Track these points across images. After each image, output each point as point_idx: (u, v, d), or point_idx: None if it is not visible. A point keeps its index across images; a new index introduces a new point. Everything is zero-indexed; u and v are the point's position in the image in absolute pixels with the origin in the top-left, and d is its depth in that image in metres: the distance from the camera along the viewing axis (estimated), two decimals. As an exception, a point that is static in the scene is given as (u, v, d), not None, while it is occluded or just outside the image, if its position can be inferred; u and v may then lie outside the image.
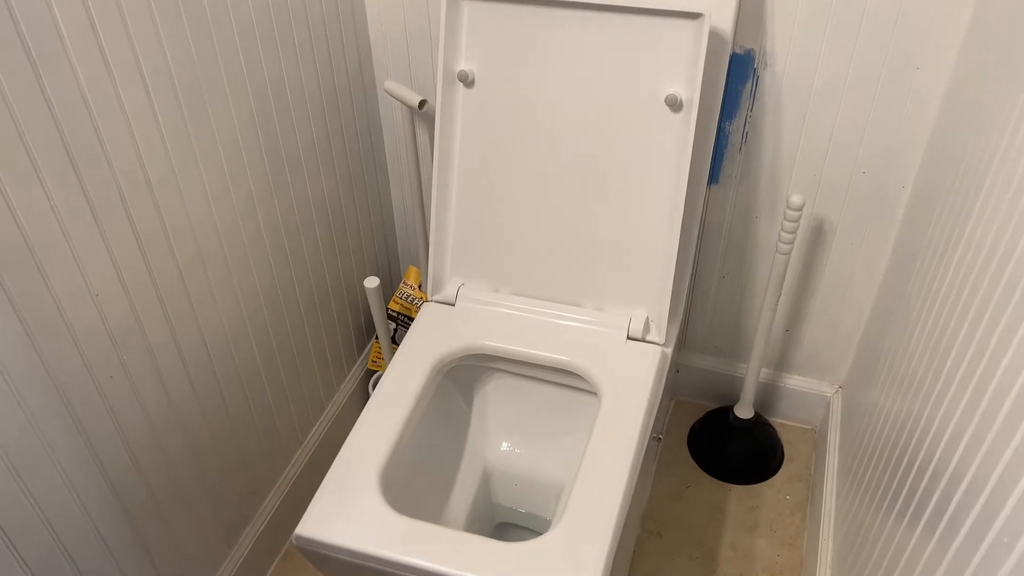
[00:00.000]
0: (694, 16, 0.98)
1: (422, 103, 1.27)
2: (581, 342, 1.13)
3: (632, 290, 1.14)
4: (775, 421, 1.59)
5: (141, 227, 0.92)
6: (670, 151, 1.05)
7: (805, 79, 1.17)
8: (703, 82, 1.00)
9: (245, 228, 1.11)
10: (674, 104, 1.02)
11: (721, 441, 1.53)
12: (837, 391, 1.51)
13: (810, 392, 1.53)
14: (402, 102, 1.30)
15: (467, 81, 1.09)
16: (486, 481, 1.24)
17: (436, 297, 1.21)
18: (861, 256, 1.32)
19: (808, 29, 1.13)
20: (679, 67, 1.01)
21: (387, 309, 1.53)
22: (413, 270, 1.53)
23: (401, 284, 1.54)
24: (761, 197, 1.32)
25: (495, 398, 1.23)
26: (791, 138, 1.24)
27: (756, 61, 1.18)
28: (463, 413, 1.23)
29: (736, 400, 1.58)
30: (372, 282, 1.33)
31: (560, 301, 1.18)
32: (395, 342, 1.55)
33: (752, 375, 1.43)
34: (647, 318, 1.14)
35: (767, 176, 1.29)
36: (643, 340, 1.13)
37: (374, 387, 1.54)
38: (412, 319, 1.53)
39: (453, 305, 1.20)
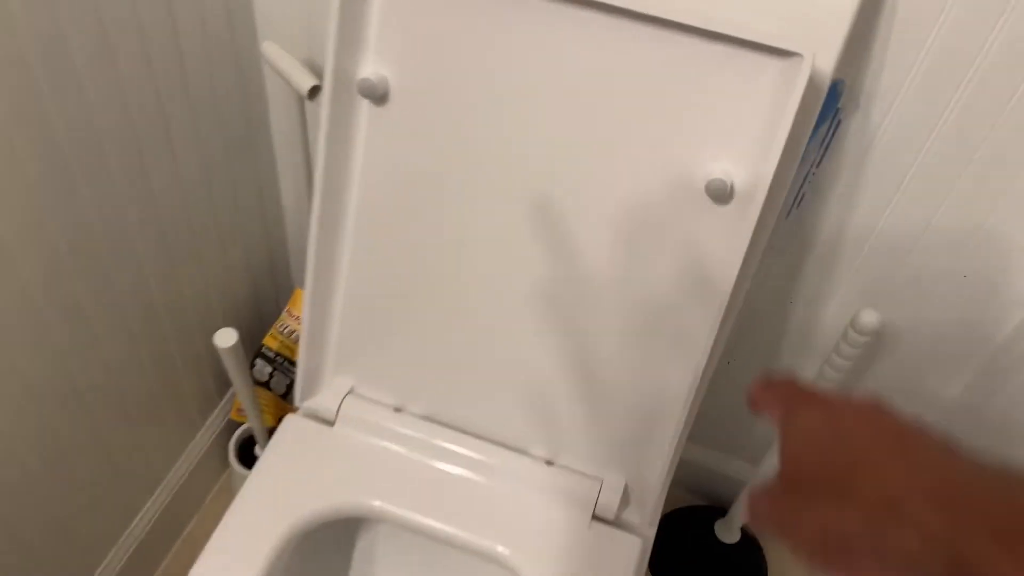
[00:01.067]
0: (785, 55, 0.54)
1: (314, 90, 0.81)
2: (521, 518, 0.73)
3: (608, 439, 0.74)
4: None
5: None
6: (702, 259, 0.63)
7: (914, 136, 0.75)
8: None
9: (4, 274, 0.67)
10: (721, 195, 0.59)
11: (692, 559, 1.17)
12: (849, 510, 1.15)
13: (813, 505, 1.17)
14: (286, 80, 0.84)
15: (375, 95, 0.64)
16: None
17: (307, 404, 0.79)
18: (931, 377, 0.93)
19: (939, 66, 0.70)
20: (740, 134, 0.58)
21: (262, 347, 1.11)
22: (301, 294, 1.10)
23: (284, 314, 1.11)
24: (804, 279, 0.91)
25: (385, 560, 0.83)
26: (870, 212, 0.82)
27: (842, 98, 0.75)
28: (335, 572, 0.83)
29: (720, 502, 1.22)
30: (226, 338, 0.90)
31: (496, 442, 0.77)
32: (269, 388, 1.13)
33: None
34: (625, 486, 0.74)
35: (820, 255, 0.88)
36: (615, 524, 0.74)
37: (237, 449, 1.14)
38: (294, 363, 1.10)
39: (332, 424, 0.78)
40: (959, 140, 0.74)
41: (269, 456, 0.75)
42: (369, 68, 0.63)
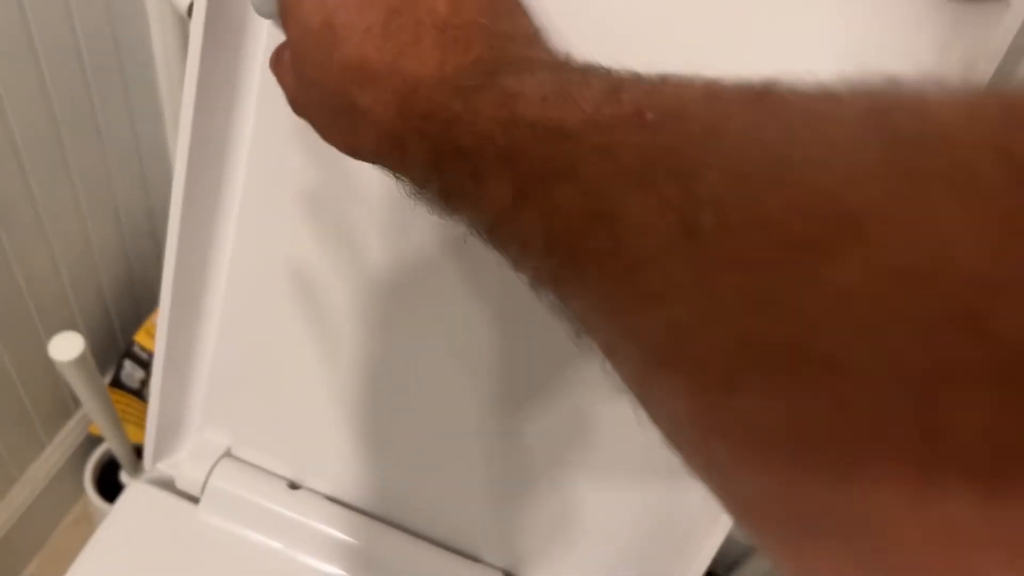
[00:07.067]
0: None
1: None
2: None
3: (600, 542, 0.52)
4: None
5: None
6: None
7: None
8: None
9: None
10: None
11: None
12: None
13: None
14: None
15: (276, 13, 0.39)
16: None
17: (161, 468, 0.54)
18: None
19: None
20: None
21: (133, 345, 0.85)
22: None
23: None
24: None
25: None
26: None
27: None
28: None
29: (713, 565, 1.01)
30: (66, 349, 0.64)
31: (434, 541, 0.54)
32: (142, 398, 0.87)
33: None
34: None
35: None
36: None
37: (96, 473, 0.89)
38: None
39: (197, 501, 0.53)
40: None
41: (86, 561, 0.50)
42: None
